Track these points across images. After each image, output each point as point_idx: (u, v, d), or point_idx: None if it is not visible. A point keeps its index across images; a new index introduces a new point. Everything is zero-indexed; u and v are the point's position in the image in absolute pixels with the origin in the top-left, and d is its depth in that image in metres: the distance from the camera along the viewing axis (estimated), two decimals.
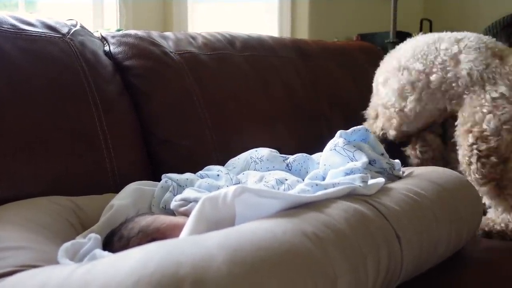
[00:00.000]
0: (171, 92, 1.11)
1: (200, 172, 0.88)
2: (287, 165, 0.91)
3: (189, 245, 0.43)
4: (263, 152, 0.93)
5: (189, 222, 0.55)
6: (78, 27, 1.08)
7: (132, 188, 0.79)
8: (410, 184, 0.74)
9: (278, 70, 1.39)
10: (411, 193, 0.70)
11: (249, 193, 0.55)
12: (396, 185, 0.74)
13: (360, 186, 0.68)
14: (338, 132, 0.86)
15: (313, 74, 1.51)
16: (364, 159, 0.79)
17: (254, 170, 0.91)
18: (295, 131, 1.34)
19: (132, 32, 1.20)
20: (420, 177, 0.79)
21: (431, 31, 2.76)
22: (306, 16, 2.33)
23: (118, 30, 1.54)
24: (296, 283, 0.43)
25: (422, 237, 0.66)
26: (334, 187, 0.66)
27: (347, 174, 0.73)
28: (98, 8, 2.17)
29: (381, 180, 0.72)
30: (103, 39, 1.14)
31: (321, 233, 0.51)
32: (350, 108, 1.53)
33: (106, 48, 1.12)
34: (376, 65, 1.83)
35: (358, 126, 0.86)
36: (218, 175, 0.84)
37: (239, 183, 0.84)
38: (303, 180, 0.83)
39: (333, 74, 1.57)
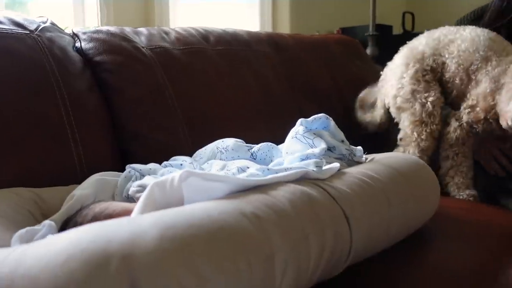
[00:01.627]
0: (142, 87, 1.12)
1: (165, 162, 0.89)
2: (252, 154, 0.92)
3: (123, 224, 0.44)
4: (229, 142, 0.94)
5: (137, 207, 0.56)
6: (47, 24, 1.09)
7: (95, 179, 0.80)
8: (366, 168, 0.76)
9: (252, 64, 1.41)
10: (365, 177, 0.72)
11: (195, 177, 0.56)
12: (352, 169, 0.76)
13: (313, 170, 0.69)
14: (299, 120, 0.87)
15: (288, 67, 1.52)
16: (323, 145, 0.81)
17: (220, 159, 0.92)
18: (270, 123, 1.35)
19: (104, 28, 1.21)
20: (377, 162, 0.81)
21: (413, 24, 2.77)
22: (287, 11, 2.35)
23: None
24: (226, 258, 0.44)
25: (373, 218, 0.68)
26: (286, 171, 0.68)
27: (302, 159, 0.75)
28: (78, 7, 2.18)
29: (336, 165, 0.74)
30: (75, 36, 1.16)
31: (262, 213, 0.52)
32: (326, 99, 1.55)
33: (78, 44, 1.14)
34: (354, 57, 1.84)
35: (319, 114, 0.88)
36: (181, 164, 0.86)
37: None
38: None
39: (308, 67, 1.59)
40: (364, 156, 0.90)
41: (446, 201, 1.12)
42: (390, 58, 1.37)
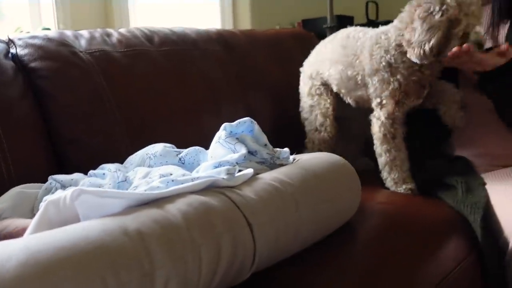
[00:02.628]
0: (78, 92, 1.11)
1: (91, 171, 0.90)
2: (180, 159, 0.93)
3: None
4: (158, 147, 0.95)
5: (30, 227, 0.57)
6: None
7: (15, 192, 0.80)
8: (279, 173, 0.77)
9: (199, 63, 1.41)
10: (275, 182, 0.73)
11: (87, 194, 0.57)
12: (265, 175, 0.77)
13: (223, 178, 0.70)
14: (223, 125, 0.88)
15: (238, 65, 1.52)
16: (243, 151, 0.82)
17: (149, 166, 0.93)
18: (219, 123, 1.35)
19: (41, 33, 1.20)
20: (294, 165, 0.82)
21: (377, 14, 2.78)
22: (247, 6, 2.34)
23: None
24: (95, 280, 0.45)
25: (279, 223, 0.69)
26: (192, 181, 0.68)
27: (216, 167, 0.76)
28: (35, 8, 2.15)
29: (249, 171, 0.75)
30: (10, 42, 1.15)
31: (146, 229, 0.53)
32: (277, 97, 1.56)
33: (13, 50, 1.13)
34: (308, 52, 1.85)
35: (244, 118, 0.89)
36: (104, 174, 0.86)
37: (125, 180, 0.86)
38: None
39: (259, 64, 1.59)
40: (291, 157, 0.91)
41: (382, 195, 1.15)
42: None
